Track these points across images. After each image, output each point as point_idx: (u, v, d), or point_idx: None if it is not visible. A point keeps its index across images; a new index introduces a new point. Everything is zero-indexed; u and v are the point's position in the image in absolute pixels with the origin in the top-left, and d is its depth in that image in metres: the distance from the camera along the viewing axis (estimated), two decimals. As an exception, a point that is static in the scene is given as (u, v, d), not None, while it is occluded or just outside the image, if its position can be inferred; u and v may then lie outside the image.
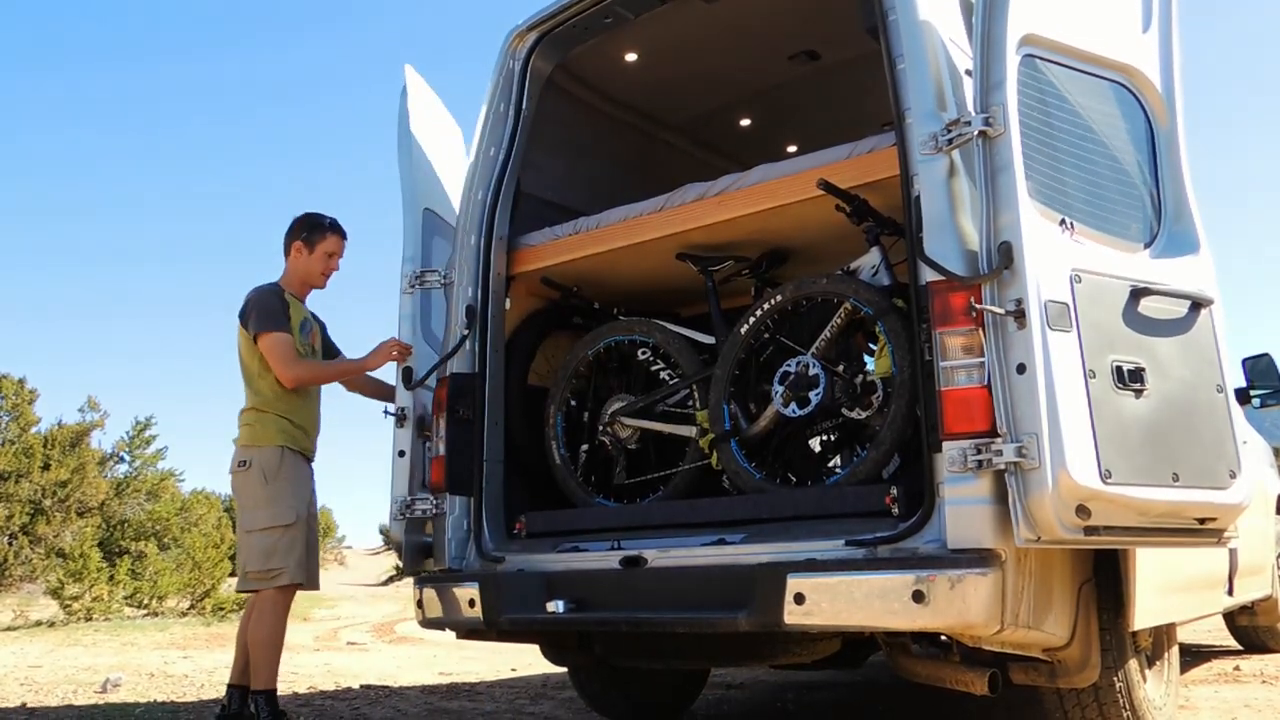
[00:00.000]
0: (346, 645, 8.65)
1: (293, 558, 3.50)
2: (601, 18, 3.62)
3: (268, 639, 3.48)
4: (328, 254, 3.81)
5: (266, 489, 3.53)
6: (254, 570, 3.50)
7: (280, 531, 3.50)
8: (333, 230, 3.83)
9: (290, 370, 3.58)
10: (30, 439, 14.19)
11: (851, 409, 3.07)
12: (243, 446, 3.63)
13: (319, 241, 3.79)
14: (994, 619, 2.26)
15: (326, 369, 3.79)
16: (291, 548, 3.51)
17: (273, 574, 3.48)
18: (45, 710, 4.61)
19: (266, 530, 3.50)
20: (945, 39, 2.63)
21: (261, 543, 3.50)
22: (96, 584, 10.94)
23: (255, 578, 3.50)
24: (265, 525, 3.50)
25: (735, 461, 3.15)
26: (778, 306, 3.22)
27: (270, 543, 3.49)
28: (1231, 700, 4.18)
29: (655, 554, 2.89)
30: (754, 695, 4.82)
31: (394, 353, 3.57)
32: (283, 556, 3.49)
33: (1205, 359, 2.55)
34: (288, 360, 3.58)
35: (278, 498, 3.54)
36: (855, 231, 3.11)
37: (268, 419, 3.60)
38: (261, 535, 3.50)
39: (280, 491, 3.55)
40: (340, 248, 3.86)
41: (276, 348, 3.57)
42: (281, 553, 3.49)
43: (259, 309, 3.63)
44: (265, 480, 3.54)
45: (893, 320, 2.90)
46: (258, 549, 3.50)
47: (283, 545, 3.50)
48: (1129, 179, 2.72)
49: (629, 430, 3.67)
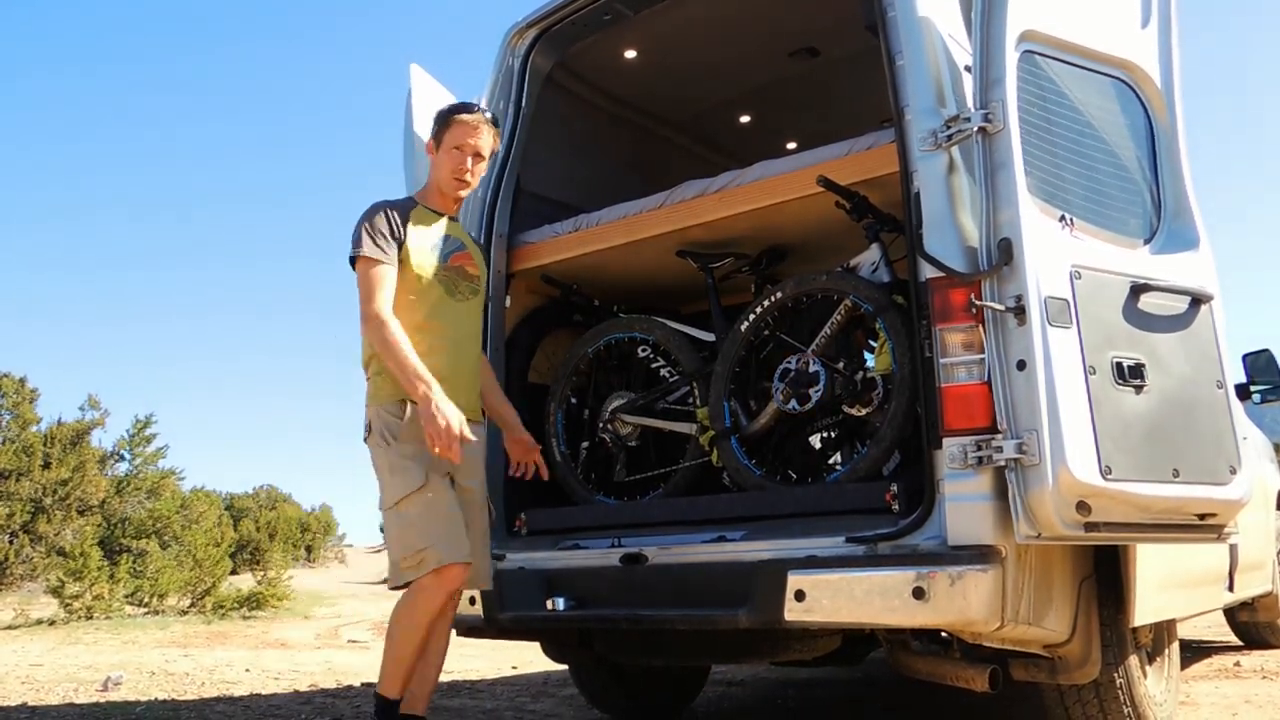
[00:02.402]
0: (348, 643, 8.65)
1: (436, 531, 2.69)
2: (601, 15, 3.62)
3: (404, 634, 2.71)
4: (454, 147, 2.91)
5: (388, 454, 2.76)
6: (398, 557, 2.74)
7: (414, 499, 2.70)
8: (455, 113, 2.93)
9: (373, 307, 2.73)
10: (30, 437, 14.18)
11: (852, 406, 3.07)
12: (366, 408, 2.87)
13: (444, 133, 2.93)
14: (994, 615, 2.26)
15: (399, 348, 2.71)
16: (430, 518, 2.70)
17: (423, 555, 2.67)
18: (46, 709, 4.61)
19: (398, 505, 2.73)
20: (944, 35, 2.63)
21: (399, 520, 2.73)
22: (97, 582, 10.94)
23: (408, 566, 2.71)
24: (396, 498, 2.73)
25: (735, 458, 3.15)
26: (778, 303, 3.23)
27: (407, 518, 2.71)
28: (1232, 696, 4.19)
29: (656, 551, 2.89)
30: (754, 692, 4.82)
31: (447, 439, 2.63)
32: (426, 532, 2.68)
33: (1205, 355, 2.55)
34: (370, 295, 2.74)
35: (403, 462, 2.74)
36: (855, 228, 3.11)
37: (387, 369, 2.79)
38: (395, 514, 2.74)
39: (405, 454, 2.74)
40: (470, 135, 2.89)
41: (367, 275, 2.77)
42: (424, 526, 2.69)
43: (360, 225, 2.82)
44: (386, 443, 2.77)
45: (893, 317, 2.89)
46: (395, 530, 2.75)
47: (420, 518, 2.70)
48: (1129, 175, 2.72)
49: (629, 427, 3.67)
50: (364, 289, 2.76)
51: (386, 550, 2.86)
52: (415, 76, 3.85)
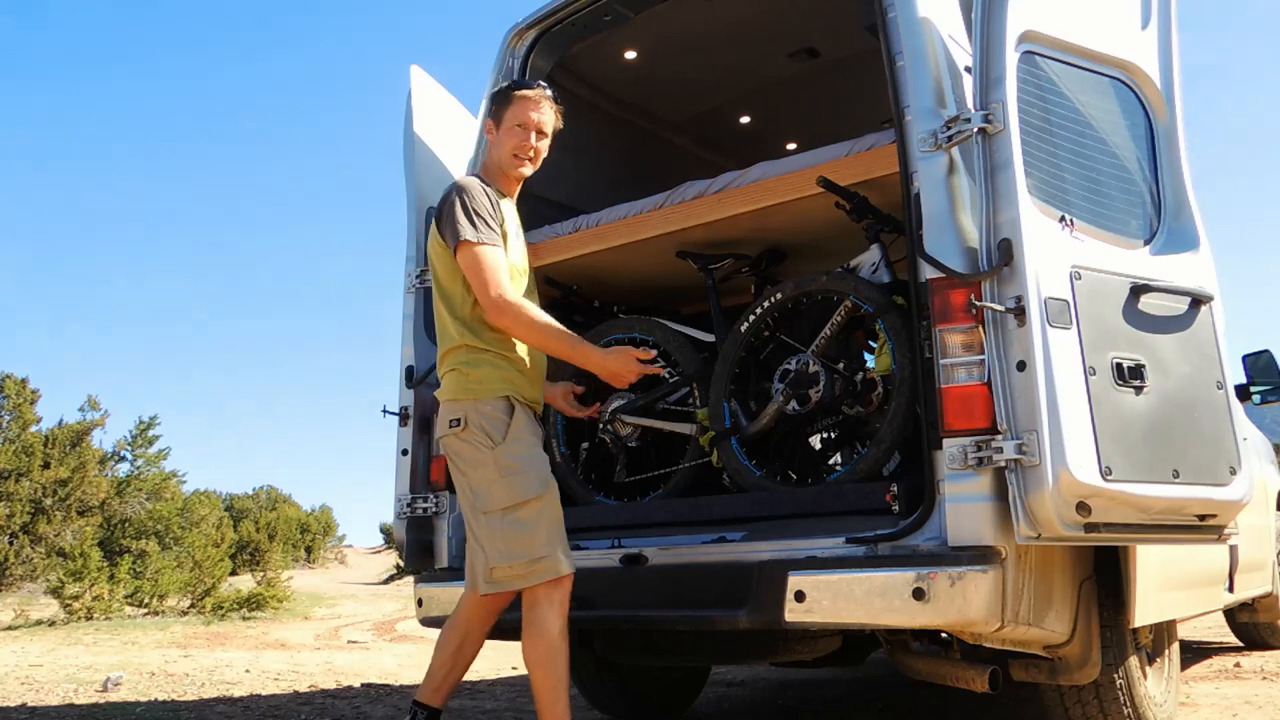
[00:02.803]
0: (347, 644, 8.65)
1: (555, 540, 2.59)
2: (601, 16, 3.62)
3: (552, 651, 2.57)
4: (516, 124, 2.77)
5: (494, 454, 2.60)
6: (504, 565, 2.57)
7: (533, 507, 2.59)
8: (516, 89, 2.81)
9: (499, 292, 2.57)
10: (31, 438, 14.19)
11: (852, 407, 3.07)
12: (450, 401, 2.68)
13: (504, 110, 2.79)
14: (994, 616, 2.26)
15: (551, 324, 2.63)
16: (551, 526, 2.60)
17: (538, 565, 2.55)
18: (46, 709, 4.61)
19: (511, 509, 2.57)
20: (944, 36, 2.63)
21: (508, 526, 2.57)
22: (97, 583, 10.95)
23: (511, 575, 2.57)
24: (509, 503, 2.57)
25: (736, 459, 3.15)
26: (778, 304, 3.22)
27: (522, 525, 2.57)
28: (1232, 697, 4.18)
29: (656, 552, 2.89)
30: (755, 693, 4.82)
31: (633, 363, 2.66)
32: (546, 541, 2.57)
33: (1205, 355, 2.55)
34: (497, 279, 2.59)
35: (515, 464, 2.60)
36: (855, 229, 3.11)
37: (484, 361, 2.65)
38: (505, 519, 2.57)
39: (517, 456, 2.61)
40: (533, 109, 2.76)
41: (483, 260, 2.59)
42: (544, 535, 2.58)
43: (461, 206, 2.64)
44: (492, 441, 2.61)
45: (893, 318, 2.89)
46: (502, 535, 2.56)
47: (541, 525, 2.58)
48: (1129, 175, 2.72)
49: (629, 428, 3.67)
50: (485, 275, 2.58)
51: (477, 554, 2.64)
52: (415, 78, 3.85)
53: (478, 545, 2.63)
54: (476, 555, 2.64)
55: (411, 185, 3.70)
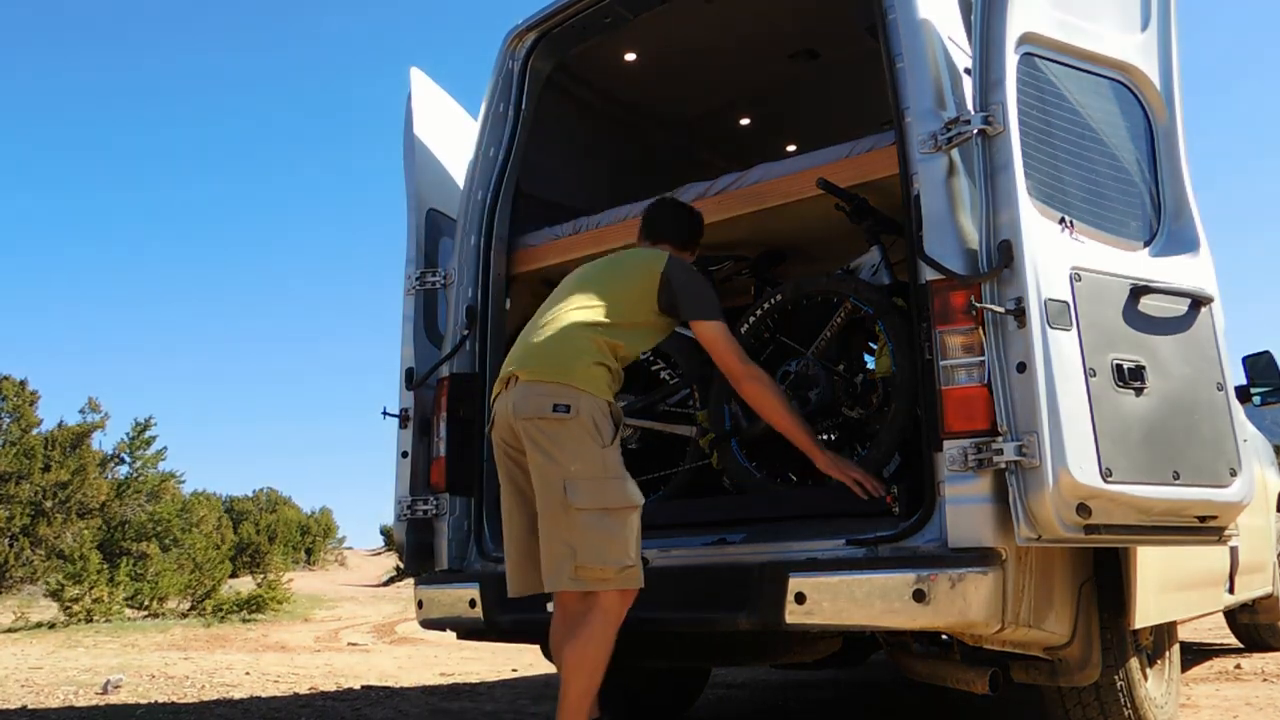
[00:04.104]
0: (347, 646, 8.65)
1: (638, 553, 2.58)
2: (601, 18, 3.62)
3: (599, 659, 2.53)
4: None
5: (605, 454, 2.59)
6: (594, 564, 2.49)
7: (634, 516, 2.58)
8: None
9: (749, 368, 2.80)
10: (31, 440, 14.18)
11: (852, 408, 3.06)
12: (561, 385, 2.61)
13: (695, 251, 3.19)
14: (995, 618, 2.26)
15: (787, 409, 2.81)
16: (637, 538, 2.58)
17: (626, 572, 2.53)
18: (46, 712, 4.60)
19: (619, 511, 2.54)
20: (944, 37, 2.63)
21: (609, 527, 2.52)
22: (97, 585, 10.95)
23: (599, 576, 2.50)
24: (618, 504, 2.55)
25: (736, 461, 3.15)
26: (778, 305, 3.22)
27: (622, 529, 2.53)
28: (1233, 698, 4.18)
29: (656, 554, 2.89)
30: (755, 695, 4.82)
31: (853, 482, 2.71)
32: (636, 551, 2.56)
33: (1205, 357, 2.55)
34: (746, 357, 2.83)
35: (623, 470, 2.62)
36: (855, 230, 3.11)
37: (602, 372, 2.69)
38: (607, 518, 2.52)
39: (621, 463, 2.64)
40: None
41: (734, 342, 2.84)
42: (636, 545, 2.56)
43: (704, 288, 2.88)
44: (602, 440, 2.59)
45: (893, 319, 2.89)
46: (598, 535, 2.50)
47: (634, 534, 2.57)
48: (1128, 177, 2.72)
49: (629, 430, 3.65)
50: (733, 348, 2.81)
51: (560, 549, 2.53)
52: (415, 80, 3.85)
53: (560, 541, 2.53)
54: (558, 550, 2.53)
55: (411, 187, 3.70)
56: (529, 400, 2.62)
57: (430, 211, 3.70)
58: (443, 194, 3.78)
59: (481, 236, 3.58)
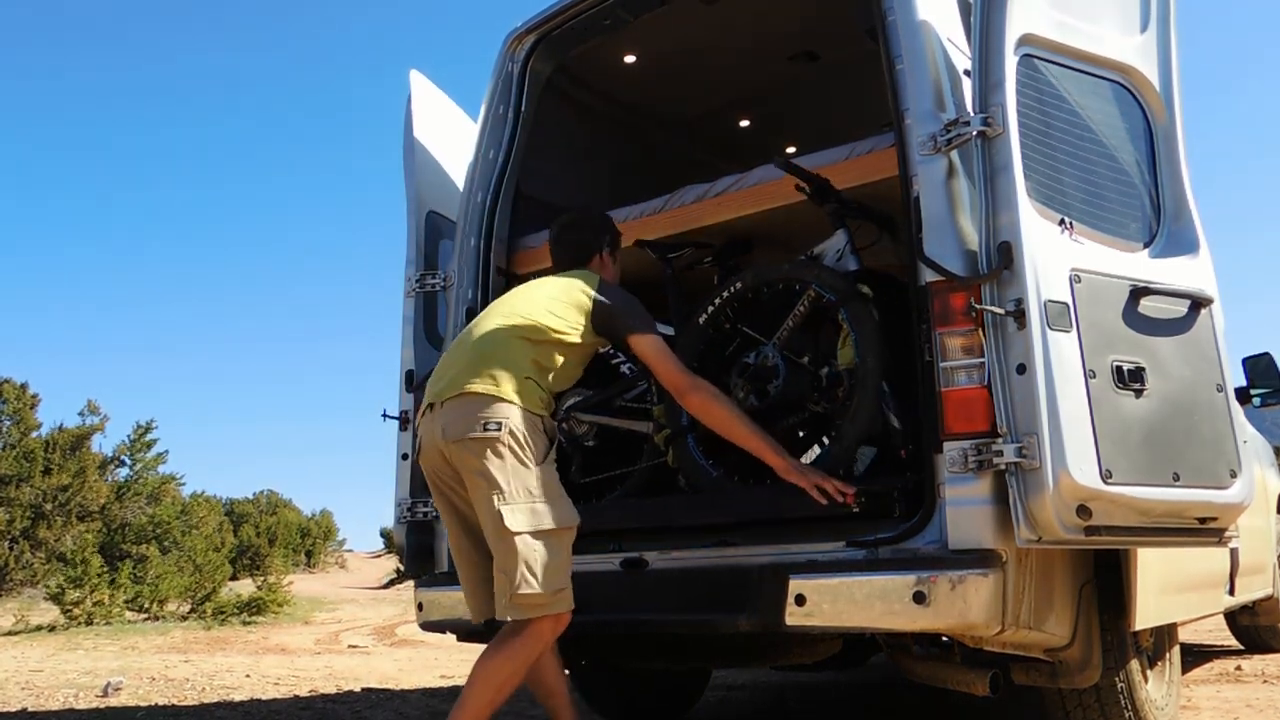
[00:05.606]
0: (348, 648, 8.65)
1: (568, 576, 2.55)
2: (600, 20, 3.62)
3: (511, 680, 2.55)
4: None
5: (541, 472, 2.53)
6: (529, 590, 2.44)
7: (568, 537, 2.56)
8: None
9: (691, 379, 2.69)
10: (31, 443, 14.19)
11: (816, 402, 2.92)
12: (490, 398, 2.52)
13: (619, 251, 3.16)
14: (995, 620, 2.25)
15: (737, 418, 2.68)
16: (569, 562, 2.56)
17: (559, 595, 2.51)
18: (46, 714, 4.60)
19: (556, 534, 2.51)
20: (944, 39, 2.63)
21: (548, 549, 2.48)
22: (97, 588, 10.95)
23: (536, 602, 2.46)
24: (556, 525, 2.51)
25: (691, 458, 3.00)
26: (737, 294, 3.06)
27: (557, 551, 2.50)
28: (1233, 700, 4.18)
29: (656, 555, 2.88)
30: (755, 696, 4.81)
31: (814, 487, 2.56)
32: (565, 573, 2.52)
33: (1205, 358, 2.55)
34: (686, 369, 2.74)
35: (560, 490, 2.58)
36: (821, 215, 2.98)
37: (533, 387, 2.60)
38: (548, 540, 2.49)
39: (557, 481, 2.59)
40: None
41: (672, 355, 2.74)
42: (565, 567, 2.53)
43: (636, 306, 2.79)
44: (533, 459, 2.52)
45: (856, 306, 2.75)
46: (541, 557, 2.46)
47: (567, 556, 2.55)
48: (1128, 178, 2.72)
49: (585, 426, 3.50)
50: (673, 361, 2.71)
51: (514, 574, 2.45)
52: (415, 82, 3.85)
53: (499, 568, 2.48)
54: (499, 578, 2.49)
55: (411, 189, 3.70)
56: (458, 421, 2.53)
57: (430, 213, 3.70)
58: (442, 196, 3.77)
59: (481, 238, 3.58)
